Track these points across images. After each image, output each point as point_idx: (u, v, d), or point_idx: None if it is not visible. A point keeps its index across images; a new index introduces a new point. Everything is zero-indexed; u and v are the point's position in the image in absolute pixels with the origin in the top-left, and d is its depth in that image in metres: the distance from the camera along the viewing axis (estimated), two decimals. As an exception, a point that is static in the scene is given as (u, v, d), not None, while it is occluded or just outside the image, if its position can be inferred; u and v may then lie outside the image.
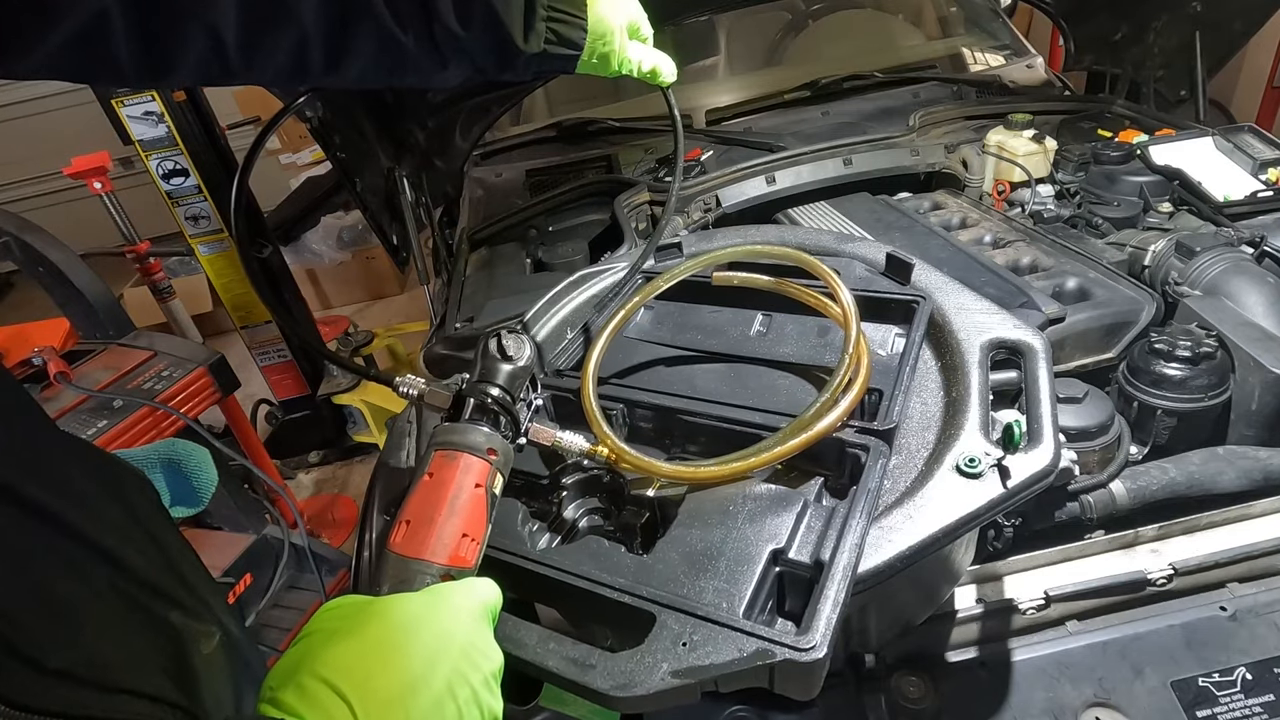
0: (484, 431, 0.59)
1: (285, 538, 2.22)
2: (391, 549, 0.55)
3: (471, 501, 0.56)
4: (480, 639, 0.52)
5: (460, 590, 0.53)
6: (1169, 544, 0.93)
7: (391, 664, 0.47)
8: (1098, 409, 1.02)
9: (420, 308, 3.69)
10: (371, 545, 1.09)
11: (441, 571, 0.54)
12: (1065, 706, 0.78)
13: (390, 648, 0.48)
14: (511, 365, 0.63)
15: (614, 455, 0.67)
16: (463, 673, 0.49)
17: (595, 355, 0.80)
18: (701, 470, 0.67)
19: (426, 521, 0.55)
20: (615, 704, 0.53)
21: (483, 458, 0.58)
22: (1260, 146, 1.51)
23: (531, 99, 2.29)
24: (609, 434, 0.69)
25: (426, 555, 0.54)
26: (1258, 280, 1.18)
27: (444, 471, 0.57)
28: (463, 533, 0.55)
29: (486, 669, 0.51)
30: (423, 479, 0.57)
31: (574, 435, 0.66)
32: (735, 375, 0.85)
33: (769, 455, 0.66)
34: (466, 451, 0.58)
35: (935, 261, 1.00)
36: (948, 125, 1.89)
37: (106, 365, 2.07)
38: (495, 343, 0.64)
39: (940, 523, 0.64)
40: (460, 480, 0.57)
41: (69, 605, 0.45)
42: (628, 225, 1.55)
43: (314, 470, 3.47)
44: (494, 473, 0.59)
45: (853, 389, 0.70)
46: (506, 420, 0.62)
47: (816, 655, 0.51)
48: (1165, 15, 1.92)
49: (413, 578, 0.53)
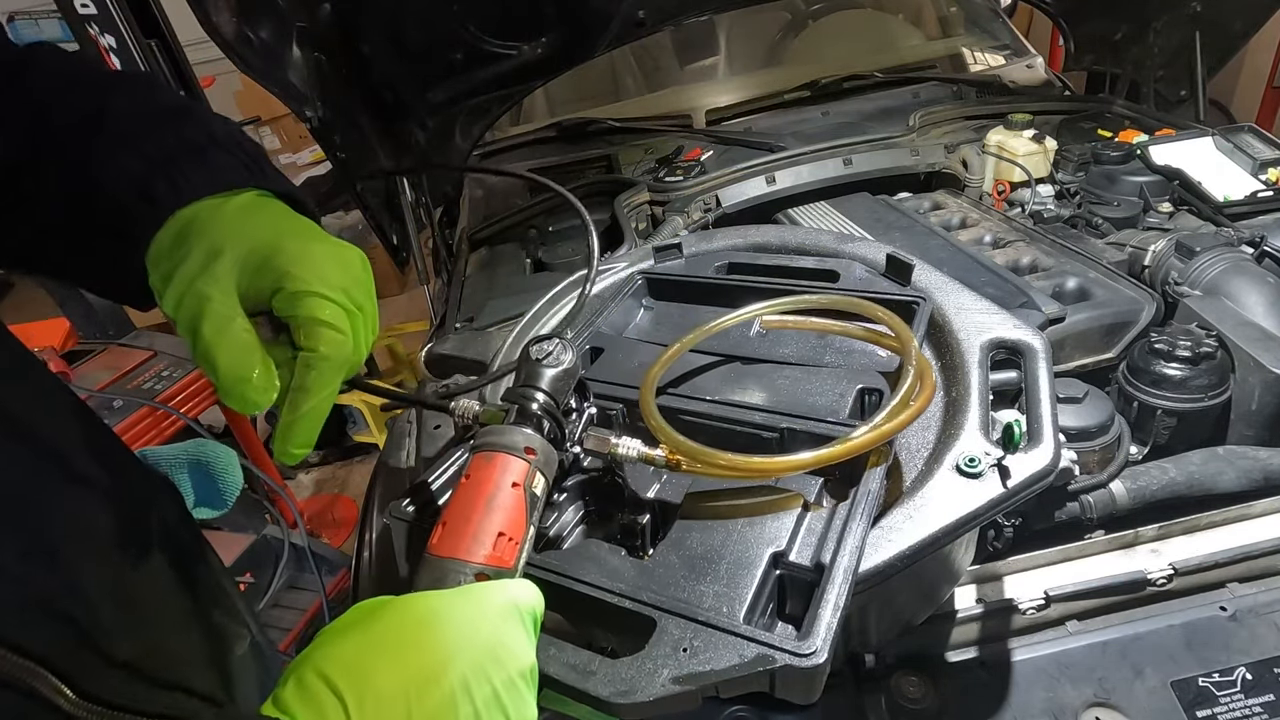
0: (523, 432, 0.59)
1: (285, 538, 2.23)
2: (428, 551, 0.54)
3: (509, 501, 0.55)
4: (508, 638, 0.49)
5: (491, 588, 0.51)
6: (1169, 544, 0.93)
7: (399, 660, 0.45)
8: (1098, 409, 1.02)
9: (420, 308, 3.69)
10: (371, 545, 1.10)
11: (477, 571, 0.52)
12: (1065, 706, 0.78)
13: (401, 643, 0.46)
14: (554, 370, 0.63)
15: (676, 457, 0.64)
16: (484, 671, 0.46)
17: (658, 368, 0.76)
18: (775, 463, 0.62)
19: (462, 521, 0.54)
20: (616, 710, 0.53)
21: (521, 457, 0.57)
22: (1260, 146, 1.51)
23: (531, 99, 2.29)
24: (674, 434, 0.65)
25: (462, 555, 0.53)
26: (1258, 280, 1.18)
27: (481, 472, 0.57)
28: (499, 532, 0.54)
29: (513, 669, 0.47)
30: (461, 482, 0.57)
31: (631, 440, 0.65)
32: (735, 376, 0.85)
33: (840, 449, 0.62)
34: (504, 451, 0.57)
35: (935, 261, 1.00)
36: (948, 125, 1.89)
37: (106, 365, 2.07)
38: (538, 348, 0.64)
39: (940, 522, 0.64)
40: (497, 480, 0.56)
41: (140, 598, 0.46)
42: (628, 225, 1.55)
43: (314, 470, 3.47)
44: (533, 472, 0.57)
45: (923, 394, 0.67)
46: (551, 424, 0.61)
47: (817, 660, 0.51)
48: (1165, 15, 1.92)
49: (446, 577, 0.52)
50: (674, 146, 1.93)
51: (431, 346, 1.35)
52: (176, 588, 0.51)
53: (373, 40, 1.58)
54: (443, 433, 1.15)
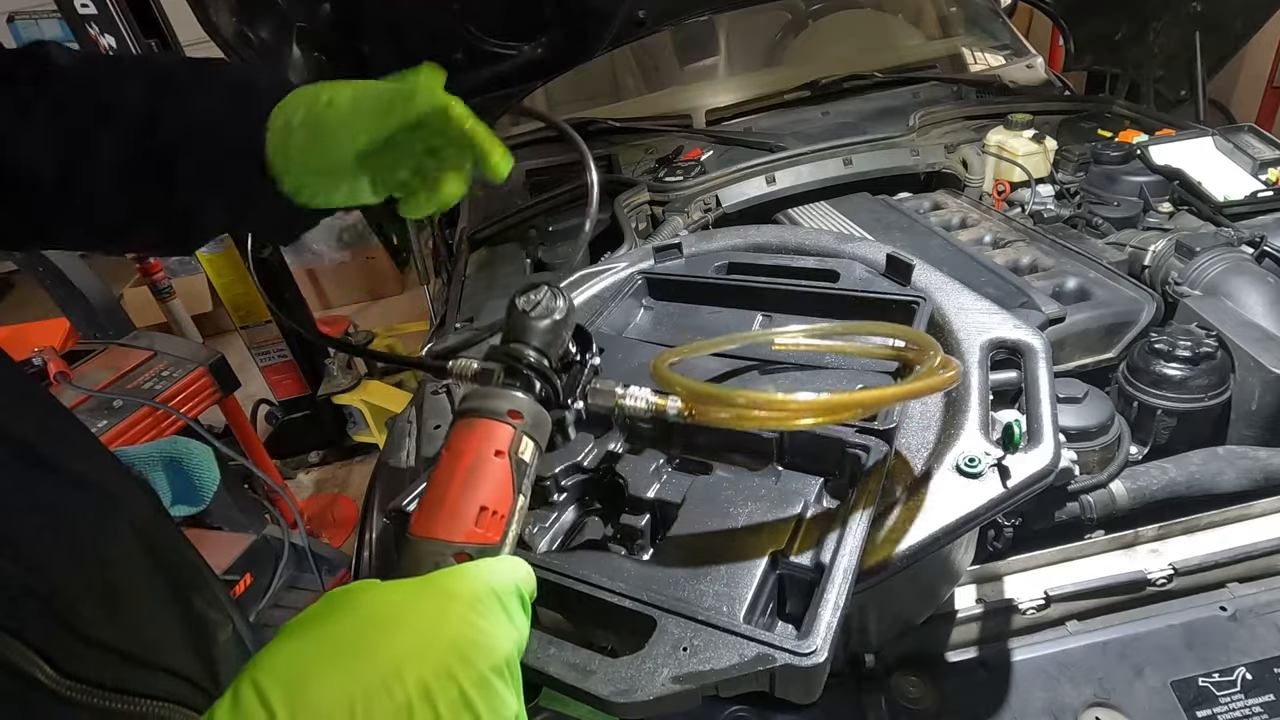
0: (505, 394, 0.53)
1: (285, 538, 2.22)
2: (409, 533, 0.50)
3: (490, 470, 0.50)
4: (478, 629, 0.43)
5: (463, 572, 0.46)
6: (1169, 544, 0.93)
7: (345, 666, 0.40)
8: (1098, 409, 1.02)
9: (420, 308, 3.69)
10: (371, 545, 1.10)
11: (457, 550, 0.48)
12: (1065, 706, 0.78)
13: (350, 646, 0.41)
14: (544, 321, 0.57)
15: (691, 404, 0.58)
16: (449, 671, 0.41)
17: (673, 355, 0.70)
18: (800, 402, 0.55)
19: (439, 497, 0.50)
20: (616, 710, 0.53)
21: (505, 421, 0.52)
22: (1260, 146, 1.51)
23: (531, 99, 2.28)
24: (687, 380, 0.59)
25: (440, 534, 0.48)
26: (1258, 280, 1.18)
27: (461, 442, 0.52)
28: (481, 506, 0.49)
29: (484, 664, 0.42)
30: (441, 454, 0.52)
31: (640, 389, 0.60)
32: (736, 376, 0.85)
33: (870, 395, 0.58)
34: (485, 417, 0.52)
35: (935, 261, 1.00)
36: (948, 125, 1.89)
37: (106, 365, 2.07)
38: (525, 299, 0.59)
39: (940, 522, 0.64)
40: (478, 449, 0.51)
41: (113, 586, 0.46)
42: (628, 225, 1.55)
43: (314, 470, 3.47)
44: (519, 437, 0.52)
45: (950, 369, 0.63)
46: (543, 384, 0.57)
47: (817, 660, 0.51)
48: (1165, 15, 1.92)
49: (422, 560, 0.48)
50: (674, 146, 1.93)
51: (431, 346, 1.35)
52: (152, 574, 0.51)
53: (373, 40, 1.58)
54: (442, 432, 1.15)
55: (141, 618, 0.47)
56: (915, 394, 0.60)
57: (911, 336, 0.73)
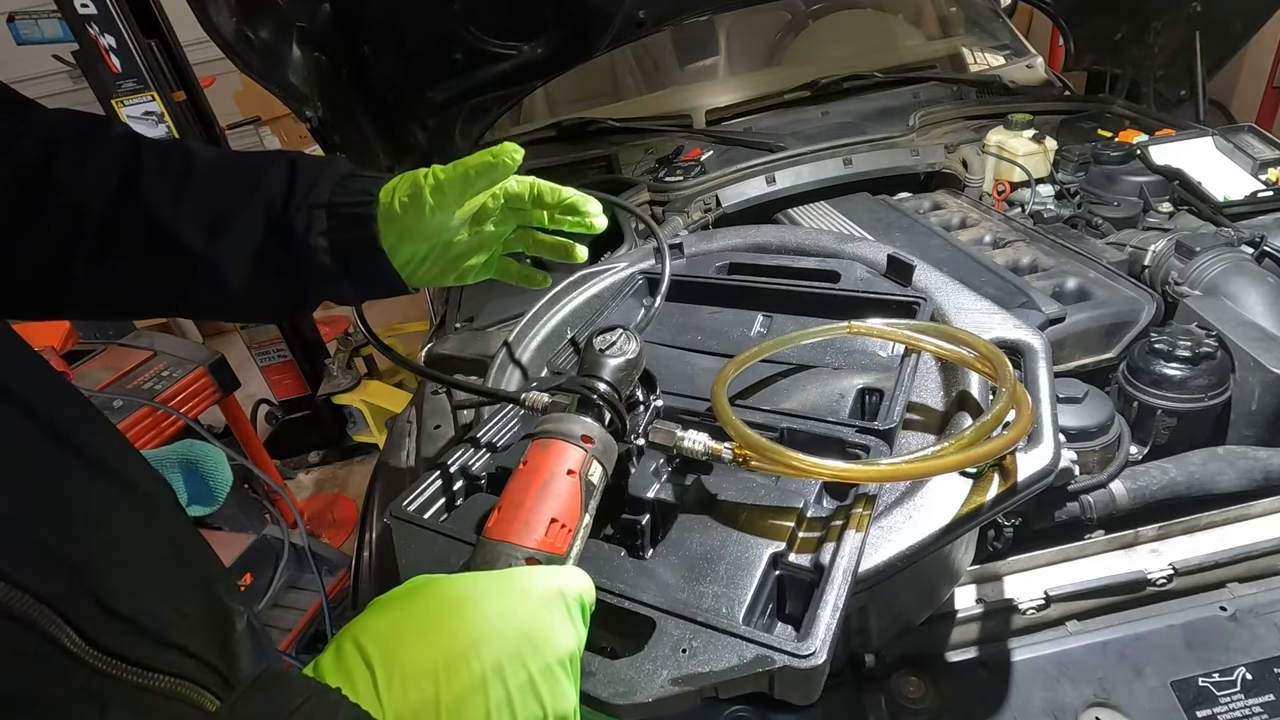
0: (581, 420, 0.59)
1: (285, 538, 2.23)
2: (484, 533, 0.55)
3: (563, 488, 0.56)
4: (549, 624, 0.48)
5: (536, 573, 0.50)
6: (1169, 544, 0.93)
7: (431, 637, 0.45)
8: (1098, 409, 1.02)
9: (420, 308, 3.68)
10: (372, 545, 1.10)
11: (527, 555, 0.53)
12: (1065, 706, 0.78)
13: (436, 620, 0.46)
14: (616, 360, 0.64)
15: (745, 452, 0.62)
16: (520, 656, 0.46)
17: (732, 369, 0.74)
18: (851, 470, 0.59)
19: (515, 506, 0.55)
20: (616, 711, 0.53)
21: (578, 445, 0.58)
22: (1260, 146, 1.51)
23: (531, 99, 2.29)
24: (745, 429, 0.63)
25: (513, 538, 0.53)
26: (1258, 280, 1.18)
27: (536, 459, 0.57)
28: (552, 518, 0.54)
29: (551, 656, 0.47)
30: (518, 468, 0.58)
31: (698, 434, 0.65)
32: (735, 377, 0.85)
33: (920, 467, 0.60)
34: (560, 439, 0.58)
35: (935, 261, 1.00)
36: (948, 125, 1.89)
37: (106, 365, 2.07)
38: (602, 338, 0.65)
39: (940, 522, 0.64)
40: (552, 467, 0.56)
41: (135, 560, 0.48)
42: (627, 225, 1.55)
43: (314, 470, 3.48)
44: (589, 460, 0.58)
45: (1019, 424, 0.63)
46: (612, 415, 0.62)
47: (816, 661, 0.51)
48: (1165, 15, 1.92)
49: (497, 559, 0.53)
50: (674, 146, 1.93)
51: (432, 346, 1.35)
52: (174, 558, 0.52)
53: (373, 40, 1.58)
54: (442, 433, 1.15)
55: (165, 597, 0.48)
56: (972, 461, 0.61)
57: (993, 358, 0.71)
